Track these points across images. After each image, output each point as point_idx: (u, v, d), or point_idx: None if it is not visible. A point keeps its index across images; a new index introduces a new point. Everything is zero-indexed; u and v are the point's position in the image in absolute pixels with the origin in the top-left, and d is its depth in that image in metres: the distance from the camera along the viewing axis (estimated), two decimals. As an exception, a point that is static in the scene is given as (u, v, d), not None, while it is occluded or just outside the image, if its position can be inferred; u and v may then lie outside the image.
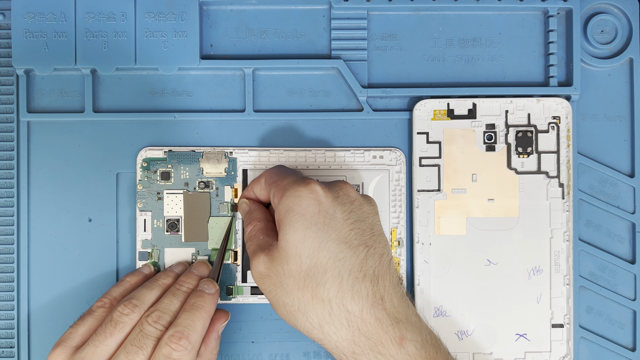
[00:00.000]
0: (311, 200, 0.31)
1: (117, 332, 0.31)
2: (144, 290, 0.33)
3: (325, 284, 0.30)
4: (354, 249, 0.31)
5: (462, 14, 0.38)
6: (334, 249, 0.30)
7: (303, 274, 0.30)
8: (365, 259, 0.31)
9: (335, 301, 0.30)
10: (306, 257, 0.30)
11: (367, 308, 0.30)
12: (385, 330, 0.30)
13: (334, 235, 0.31)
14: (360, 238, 0.31)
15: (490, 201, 0.37)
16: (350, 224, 0.31)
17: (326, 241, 0.31)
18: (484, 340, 0.37)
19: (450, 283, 0.37)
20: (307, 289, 0.30)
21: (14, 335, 0.37)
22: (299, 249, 0.31)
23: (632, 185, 0.38)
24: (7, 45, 0.38)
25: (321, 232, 0.31)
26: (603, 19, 0.39)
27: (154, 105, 0.38)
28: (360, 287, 0.30)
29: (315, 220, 0.31)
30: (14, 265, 0.37)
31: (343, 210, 0.32)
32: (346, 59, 0.38)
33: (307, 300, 0.30)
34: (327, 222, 0.31)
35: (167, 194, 0.37)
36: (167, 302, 0.32)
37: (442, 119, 0.38)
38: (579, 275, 0.38)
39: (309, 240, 0.31)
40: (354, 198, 0.33)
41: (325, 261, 0.30)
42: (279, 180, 0.33)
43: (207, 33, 0.38)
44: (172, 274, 0.35)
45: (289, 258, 0.31)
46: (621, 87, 0.39)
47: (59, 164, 0.38)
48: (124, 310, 0.32)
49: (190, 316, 0.32)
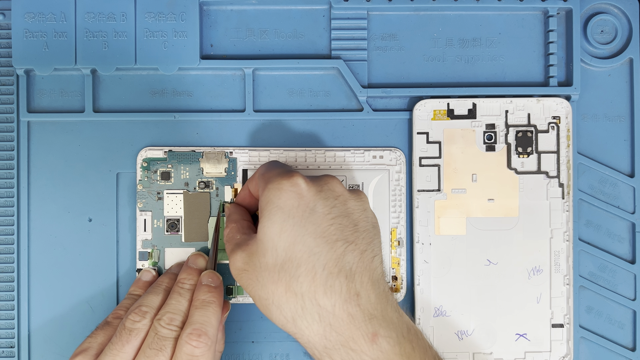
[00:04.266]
0: (292, 193, 0.31)
1: (133, 339, 0.31)
2: (150, 295, 0.34)
3: (299, 278, 0.30)
4: (332, 244, 0.30)
5: (462, 14, 0.38)
6: (309, 243, 0.30)
7: (278, 267, 0.30)
8: (343, 254, 0.31)
9: (307, 295, 0.30)
10: (282, 250, 0.30)
11: (340, 304, 0.30)
12: (358, 327, 0.30)
13: (311, 229, 0.30)
14: (340, 233, 0.31)
15: (490, 201, 0.37)
16: (330, 218, 0.31)
17: (302, 235, 0.30)
18: (484, 340, 0.37)
19: (450, 283, 0.37)
20: (280, 282, 0.30)
21: (14, 335, 0.37)
22: (275, 242, 0.30)
23: (632, 185, 0.38)
24: (7, 45, 0.38)
25: (298, 225, 0.30)
26: (603, 19, 0.39)
27: (154, 105, 0.38)
28: (334, 282, 0.30)
29: (293, 213, 0.31)
30: (14, 265, 0.37)
31: (325, 204, 0.31)
32: (346, 59, 0.38)
33: (280, 293, 0.30)
34: (306, 216, 0.31)
35: (167, 194, 0.37)
36: (175, 303, 0.33)
37: (442, 119, 0.38)
38: (579, 275, 0.38)
39: (285, 233, 0.30)
40: (339, 193, 0.32)
41: (299, 255, 0.30)
42: (265, 173, 0.33)
43: (207, 33, 0.38)
44: (173, 275, 0.36)
45: (266, 251, 0.31)
46: (621, 87, 0.39)
47: (59, 164, 0.38)
48: (135, 318, 0.32)
49: (204, 312, 0.32)
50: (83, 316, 0.37)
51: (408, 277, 0.38)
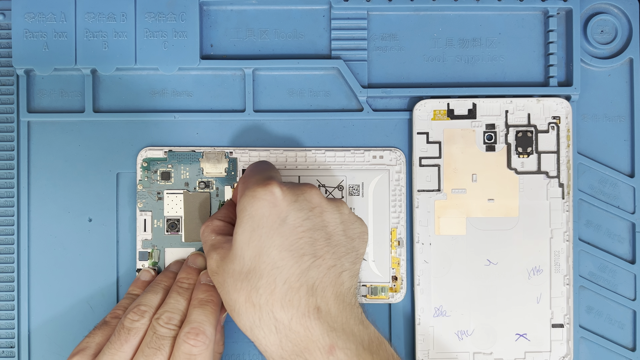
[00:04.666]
0: (265, 202, 0.31)
1: (132, 338, 0.31)
2: (149, 295, 0.34)
3: (259, 290, 0.30)
4: (297, 259, 0.30)
5: (462, 14, 0.38)
6: (274, 255, 0.30)
7: (242, 275, 0.30)
8: (308, 269, 0.30)
9: (265, 308, 0.30)
10: (248, 260, 0.30)
11: (297, 318, 0.30)
12: (315, 340, 0.30)
13: (278, 242, 0.30)
14: (308, 247, 0.31)
15: (490, 201, 0.37)
16: (301, 231, 0.31)
17: (268, 247, 0.30)
18: (484, 340, 0.37)
19: (450, 283, 0.37)
20: (242, 291, 0.30)
21: (14, 335, 0.37)
22: (243, 251, 0.31)
23: (632, 185, 0.38)
24: (7, 45, 0.38)
25: (265, 237, 0.30)
26: (603, 19, 0.39)
27: (154, 105, 0.38)
28: (293, 297, 0.30)
29: (263, 223, 0.30)
30: (14, 265, 0.37)
31: (297, 216, 0.31)
32: (346, 59, 0.38)
33: (241, 302, 0.30)
34: (275, 227, 0.30)
35: (167, 194, 0.37)
36: (174, 302, 0.33)
37: (442, 119, 0.38)
38: (579, 275, 0.38)
39: (253, 243, 0.30)
40: (315, 204, 0.32)
41: (263, 267, 0.30)
42: (246, 179, 0.33)
43: (207, 33, 0.38)
44: (172, 274, 0.36)
45: (235, 258, 0.31)
46: (621, 87, 0.39)
47: (59, 164, 0.38)
48: (134, 317, 0.32)
49: (202, 311, 0.32)
50: (83, 316, 0.37)
51: (408, 277, 0.38)
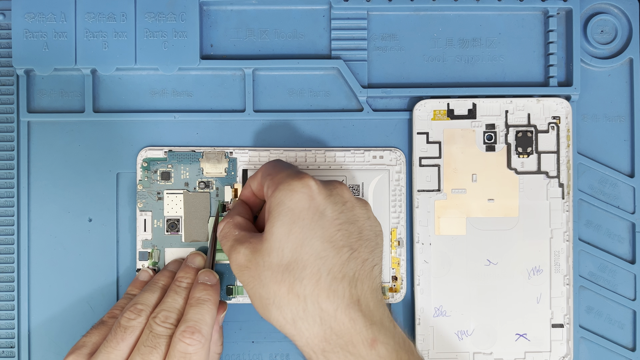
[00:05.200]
0: (303, 195, 0.31)
1: (128, 337, 0.31)
2: (146, 293, 0.34)
3: (303, 280, 0.30)
4: (337, 250, 0.31)
5: (462, 14, 0.38)
6: (317, 246, 0.30)
7: (283, 267, 0.30)
8: (348, 261, 0.31)
9: (310, 298, 0.30)
10: (288, 251, 0.30)
11: (342, 308, 0.30)
12: (358, 331, 0.30)
13: (320, 233, 0.31)
14: (346, 240, 0.31)
15: (490, 201, 0.37)
16: (338, 224, 0.31)
17: (310, 238, 0.31)
18: (484, 340, 0.37)
19: (450, 283, 0.37)
20: (284, 283, 0.30)
21: (14, 335, 0.37)
22: (283, 243, 0.31)
23: (632, 185, 0.38)
24: (7, 45, 0.38)
25: (307, 228, 0.31)
26: (603, 19, 0.39)
27: (154, 105, 0.38)
28: (337, 287, 0.30)
29: (303, 215, 0.31)
30: (14, 265, 0.37)
31: (333, 209, 0.31)
32: (346, 59, 0.38)
33: (282, 294, 0.30)
34: (315, 220, 0.31)
35: (167, 194, 0.37)
36: (171, 301, 0.33)
37: (442, 119, 0.38)
38: (579, 275, 0.38)
39: (294, 234, 0.31)
40: (346, 199, 0.32)
41: (306, 257, 0.30)
42: (274, 174, 0.33)
43: (207, 33, 0.38)
44: (170, 273, 0.36)
45: (272, 250, 0.31)
46: (621, 87, 0.39)
47: (59, 164, 0.38)
48: (130, 316, 0.32)
49: (199, 310, 0.32)
50: (83, 316, 0.37)
51: (408, 277, 0.38)
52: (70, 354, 0.32)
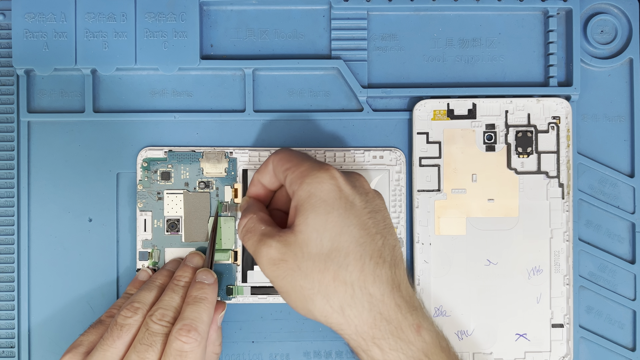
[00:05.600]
0: (332, 186, 0.31)
1: (124, 335, 0.31)
2: (143, 292, 0.34)
3: (348, 267, 0.30)
4: (372, 236, 0.31)
5: (462, 14, 0.38)
6: (355, 233, 0.31)
7: (324, 256, 0.30)
8: (383, 247, 0.32)
9: (357, 284, 0.30)
10: (327, 241, 0.31)
11: (388, 292, 0.31)
12: (405, 316, 0.31)
13: (355, 220, 0.31)
14: (377, 227, 0.32)
15: (490, 201, 0.37)
16: (367, 212, 0.32)
17: (348, 226, 0.31)
18: (484, 340, 0.37)
19: (450, 283, 0.37)
20: (328, 271, 0.30)
21: (15, 335, 0.37)
22: (321, 232, 0.31)
23: (632, 185, 0.38)
24: (7, 45, 0.38)
25: (343, 217, 0.31)
26: (603, 19, 0.39)
27: (154, 105, 0.38)
28: (381, 271, 0.31)
29: (337, 205, 0.31)
30: (15, 265, 0.37)
31: (361, 199, 0.32)
32: (346, 59, 0.38)
33: (328, 282, 0.30)
34: (348, 208, 0.31)
35: (167, 194, 0.37)
36: (168, 299, 0.33)
37: (442, 119, 0.38)
38: (579, 275, 0.38)
39: (330, 224, 0.31)
40: (368, 190, 0.33)
41: (347, 245, 0.31)
42: (295, 167, 0.33)
43: (207, 33, 0.38)
44: (168, 272, 0.36)
45: (309, 241, 0.31)
46: (621, 87, 0.39)
47: (59, 164, 0.38)
48: (127, 314, 0.32)
49: (196, 309, 0.32)
50: (83, 316, 0.37)
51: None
52: (67, 353, 0.32)
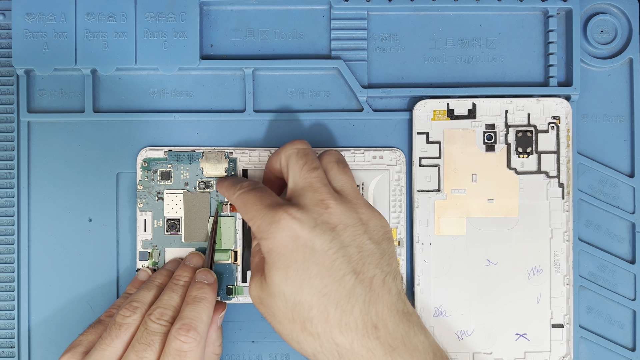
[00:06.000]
0: (286, 238, 0.30)
1: (122, 334, 0.31)
2: (142, 291, 0.34)
3: (312, 320, 0.30)
4: (339, 280, 0.30)
5: (462, 14, 0.38)
6: (317, 285, 0.30)
7: (290, 309, 0.30)
8: (353, 288, 0.30)
9: (324, 336, 0.30)
10: (290, 295, 0.30)
11: (358, 340, 0.29)
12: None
13: (316, 270, 0.30)
14: (346, 266, 0.30)
15: (490, 201, 0.37)
16: (332, 254, 0.30)
17: (308, 278, 0.30)
18: (484, 340, 0.37)
19: (450, 283, 0.37)
20: (296, 322, 0.30)
21: (15, 335, 0.37)
22: (282, 287, 0.30)
23: (632, 185, 0.38)
24: (7, 45, 0.38)
25: (302, 269, 0.30)
26: (603, 19, 0.39)
27: (154, 105, 0.38)
28: (349, 319, 0.29)
29: (294, 258, 0.30)
30: (14, 265, 0.37)
31: (322, 240, 0.30)
32: (346, 59, 0.38)
33: (298, 332, 0.30)
34: (307, 258, 0.30)
35: (167, 194, 0.37)
36: (167, 298, 0.33)
37: (442, 119, 0.38)
38: (579, 275, 0.38)
39: (290, 278, 0.30)
40: (335, 223, 0.31)
41: (309, 298, 0.30)
42: (251, 220, 0.32)
43: (207, 33, 0.38)
44: (168, 272, 0.36)
45: (275, 295, 0.31)
46: (621, 87, 0.39)
47: (59, 164, 0.38)
48: (126, 313, 0.32)
49: (195, 308, 0.32)
50: (83, 316, 0.37)
51: (408, 277, 0.38)
52: (66, 353, 0.32)
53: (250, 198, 0.32)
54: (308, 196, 0.31)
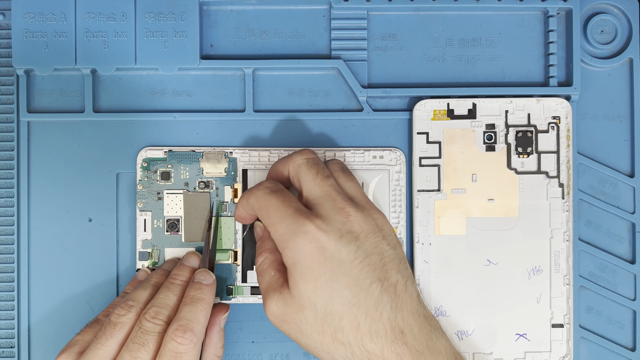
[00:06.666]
0: (314, 250, 0.30)
1: (117, 333, 0.31)
2: (138, 290, 0.33)
3: (344, 330, 0.30)
4: (367, 289, 0.30)
5: (462, 14, 0.38)
6: (346, 295, 0.30)
7: (320, 320, 0.31)
8: (380, 295, 0.31)
9: (355, 344, 0.30)
10: (321, 306, 0.30)
11: (387, 346, 0.30)
12: None
13: (345, 281, 0.30)
14: (372, 275, 0.31)
15: (490, 201, 0.37)
16: (359, 263, 0.31)
17: (337, 289, 0.30)
18: (484, 340, 0.37)
19: (450, 283, 0.37)
20: (326, 333, 0.31)
21: (14, 335, 0.37)
22: (313, 299, 0.31)
23: (632, 185, 0.38)
24: (7, 45, 0.38)
25: (331, 280, 0.30)
26: (603, 19, 0.39)
27: (154, 105, 0.38)
28: (378, 327, 0.30)
29: (323, 270, 0.30)
30: (14, 265, 0.37)
31: (349, 251, 0.31)
32: (346, 59, 0.38)
33: (328, 342, 0.31)
34: (335, 269, 0.30)
35: (167, 194, 0.37)
36: (163, 297, 0.32)
37: (442, 119, 0.38)
38: (579, 275, 0.38)
39: (320, 290, 0.30)
40: (357, 231, 0.31)
41: (339, 308, 0.30)
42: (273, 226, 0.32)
43: (207, 33, 0.38)
44: (164, 271, 0.35)
45: (304, 307, 0.31)
46: (621, 87, 0.39)
47: (59, 164, 0.38)
48: (121, 312, 0.32)
49: (192, 309, 0.32)
50: (83, 316, 0.37)
51: (408, 277, 0.38)
52: (62, 353, 0.32)
53: (273, 201, 0.32)
54: (327, 205, 0.32)
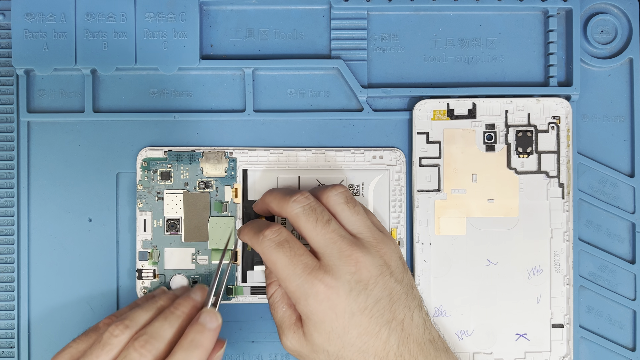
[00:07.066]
0: (326, 309, 0.31)
1: (104, 355, 0.30)
2: (139, 310, 0.32)
3: None
4: (376, 335, 0.31)
5: (462, 14, 0.38)
6: (357, 344, 0.31)
7: None
8: (388, 337, 0.32)
9: None
10: (333, 353, 0.32)
11: None
12: None
13: (355, 332, 0.31)
14: (380, 320, 0.32)
15: (490, 201, 0.37)
16: (369, 312, 0.32)
17: (349, 340, 0.31)
18: (484, 340, 0.37)
19: (450, 283, 0.37)
20: None
21: (14, 335, 0.37)
22: (325, 347, 0.32)
23: (632, 185, 0.38)
24: (7, 45, 0.38)
25: (343, 334, 0.31)
26: (603, 19, 0.39)
27: (154, 105, 0.38)
28: None
29: (335, 325, 0.31)
30: (14, 265, 0.37)
31: (358, 302, 0.31)
32: (346, 59, 0.38)
33: None
34: (347, 324, 0.31)
35: (167, 194, 0.37)
36: (158, 326, 0.31)
37: (442, 119, 0.38)
38: (579, 275, 0.38)
39: (333, 341, 0.32)
40: (365, 279, 0.32)
41: (350, 354, 0.32)
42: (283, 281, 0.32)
43: (207, 33, 0.38)
44: (173, 297, 0.33)
45: (317, 352, 0.32)
46: (621, 87, 0.39)
47: (59, 164, 0.38)
48: (114, 332, 0.30)
49: (187, 355, 0.30)
50: (83, 317, 0.37)
51: (408, 277, 0.38)
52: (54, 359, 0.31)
53: (280, 258, 0.32)
54: (334, 254, 0.32)
